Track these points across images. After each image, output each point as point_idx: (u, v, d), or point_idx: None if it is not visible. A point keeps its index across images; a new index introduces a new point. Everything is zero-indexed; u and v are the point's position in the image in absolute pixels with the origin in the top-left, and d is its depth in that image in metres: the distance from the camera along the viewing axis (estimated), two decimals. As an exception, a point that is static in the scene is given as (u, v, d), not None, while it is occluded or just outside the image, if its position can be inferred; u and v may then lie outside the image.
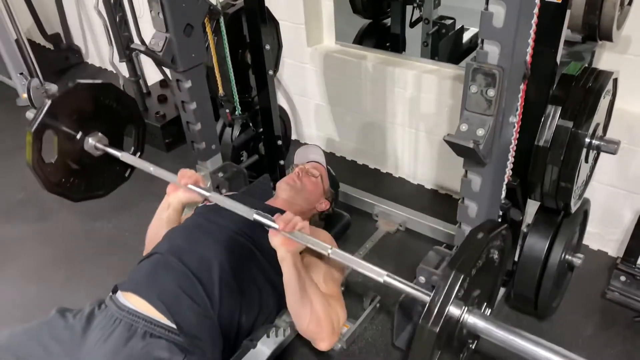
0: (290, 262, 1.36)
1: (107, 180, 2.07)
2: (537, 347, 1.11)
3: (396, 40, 3.01)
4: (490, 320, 1.15)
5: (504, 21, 1.07)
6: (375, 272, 1.31)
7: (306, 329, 1.40)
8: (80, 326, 1.24)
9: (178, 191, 1.61)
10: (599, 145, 1.47)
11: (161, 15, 1.67)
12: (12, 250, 2.38)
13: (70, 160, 1.90)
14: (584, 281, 1.99)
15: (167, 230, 1.58)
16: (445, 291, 1.08)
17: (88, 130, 1.91)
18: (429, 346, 1.06)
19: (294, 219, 1.37)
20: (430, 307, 1.08)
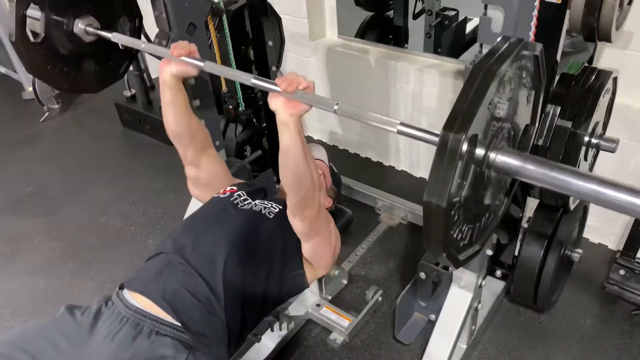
0: (292, 127, 1.24)
1: (100, 72, 1.91)
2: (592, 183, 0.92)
3: (399, 32, 3.01)
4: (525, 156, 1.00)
5: (502, 26, 1.08)
6: (388, 123, 1.15)
7: (304, 197, 1.33)
8: (88, 323, 1.26)
9: (170, 64, 1.45)
10: (598, 143, 1.48)
11: (164, 14, 1.69)
12: (21, 244, 2.42)
13: (59, 44, 1.73)
14: (584, 274, 2.01)
15: (176, 112, 1.53)
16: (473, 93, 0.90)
17: (78, 11, 1.74)
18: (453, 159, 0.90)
19: (297, 77, 1.22)
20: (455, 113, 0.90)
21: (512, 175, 1.02)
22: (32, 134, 3.32)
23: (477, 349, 1.79)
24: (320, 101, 1.20)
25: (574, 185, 0.93)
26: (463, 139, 0.88)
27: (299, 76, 1.22)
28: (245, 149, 2.34)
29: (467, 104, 0.90)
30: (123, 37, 1.72)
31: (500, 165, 1.00)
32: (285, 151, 1.28)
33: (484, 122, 0.96)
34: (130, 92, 3.17)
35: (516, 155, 1.00)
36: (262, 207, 1.54)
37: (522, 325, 1.87)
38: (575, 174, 0.93)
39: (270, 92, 1.25)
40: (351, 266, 2.13)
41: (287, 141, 1.27)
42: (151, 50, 1.59)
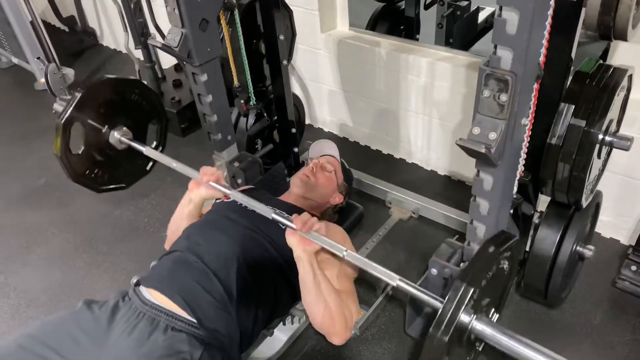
0: (306, 261, 1.40)
1: (129, 172, 2.13)
2: (541, 356, 1.18)
3: (410, 23, 2.99)
4: (497, 328, 1.20)
5: (517, 28, 1.07)
6: (388, 276, 1.36)
7: (320, 325, 1.45)
8: (106, 318, 1.30)
9: (200, 188, 1.66)
10: (612, 141, 1.47)
11: (177, 11, 1.69)
12: (36, 236, 2.45)
13: (96, 152, 1.97)
14: (595, 269, 2.01)
15: (188, 224, 1.63)
16: (455, 304, 1.13)
17: (113, 123, 1.96)
18: (439, 353, 1.12)
19: (310, 219, 1.41)
20: (441, 318, 1.13)
21: (486, 341, 1.23)
22: (44, 125, 3.34)
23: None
24: (330, 244, 1.42)
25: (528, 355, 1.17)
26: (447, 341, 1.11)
27: (312, 218, 1.43)
28: (256, 142, 2.35)
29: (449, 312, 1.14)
30: (155, 153, 1.99)
31: (478, 333, 1.21)
32: (302, 281, 1.43)
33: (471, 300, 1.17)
34: (141, 84, 3.18)
35: (491, 326, 1.20)
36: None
37: (532, 320, 1.88)
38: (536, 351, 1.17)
39: (288, 229, 1.44)
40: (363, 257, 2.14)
41: (302, 273, 1.42)
42: (183, 170, 1.80)
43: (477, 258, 1.24)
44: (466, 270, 1.19)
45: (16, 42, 3.53)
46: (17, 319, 2.05)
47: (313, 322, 1.47)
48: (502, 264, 1.28)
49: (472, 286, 1.14)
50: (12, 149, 3.13)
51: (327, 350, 1.84)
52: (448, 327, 1.12)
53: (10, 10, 3.32)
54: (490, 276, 1.22)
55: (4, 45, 3.80)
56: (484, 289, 1.19)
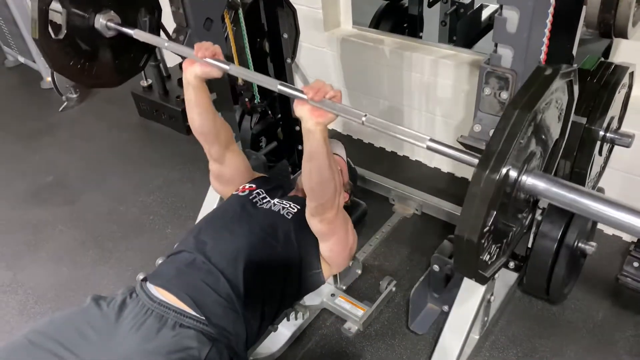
0: (319, 135, 1.25)
1: (120, 66, 1.95)
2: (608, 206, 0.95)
3: (414, 20, 3.01)
4: (553, 180, 1.02)
5: (517, 26, 1.09)
6: (417, 138, 1.14)
7: (329, 197, 1.37)
8: (114, 314, 1.31)
9: (194, 65, 1.47)
10: (613, 138, 1.48)
11: (181, 10, 1.71)
12: (44, 233, 2.48)
13: (80, 40, 1.76)
14: (598, 266, 2.02)
15: (201, 112, 1.56)
16: (507, 133, 0.93)
17: (99, 6, 1.77)
18: (486, 198, 0.93)
19: (324, 86, 1.22)
20: (488, 153, 0.93)
21: (538, 196, 1.05)
22: (51, 123, 3.38)
23: (490, 340, 1.82)
24: (348, 111, 1.20)
25: (592, 208, 0.96)
26: (497, 179, 0.91)
27: (325, 84, 1.22)
28: (260, 140, 2.37)
29: (500, 144, 0.93)
30: (145, 34, 1.75)
31: (529, 188, 1.03)
32: (310, 158, 1.30)
33: (517, 151, 0.99)
34: (147, 82, 3.21)
35: (545, 179, 1.02)
36: (281, 207, 1.58)
37: (535, 316, 1.89)
38: (595, 198, 0.96)
39: (296, 100, 1.26)
40: (365, 256, 2.16)
41: (312, 148, 1.28)
42: (174, 49, 1.60)
43: (531, 82, 1.00)
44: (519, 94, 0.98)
45: (23, 42, 3.58)
46: (25, 314, 2.08)
47: (318, 200, 1.38)
48: (559, 101, 1.08)
49: (527, 111, 0.94)
50: (19, 147, 3.17)
51: (331, 346, 1.86)
52: (498, 164, 0.91)
53: (16, 9, 3.36)
54: (546, 111, 1.02)
55: (10, 44, 3.84)
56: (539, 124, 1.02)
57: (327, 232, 1.46)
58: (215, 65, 1.43)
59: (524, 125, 0.93)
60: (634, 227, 0.91)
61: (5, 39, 3.84)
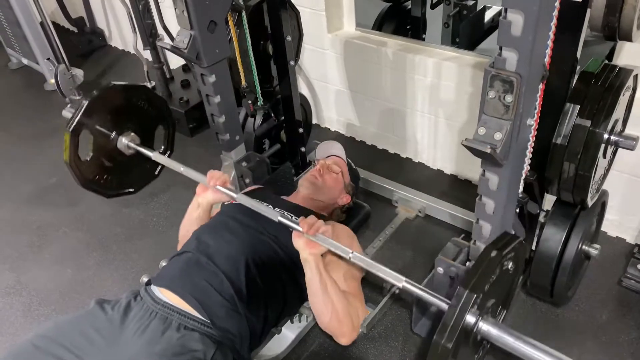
0: (312, 264, 1.42)
1: (138, 177, 2.18)
2: (547, 356, 1.18)
3: (417, 22, 3.00)
4: (503, 329, 1.22)
5: (522, 29, 1.09)
6: (395, 278, 1.37)
7: (327, 326, 1.48)
8: (119, 317, 1.32)
9: (207, 192, 1.69)
10: (617, 141, 1.48)
11: (185, 13, 1.71)
12: (47, 235, 2.49)
13: (104, 158, 2.01)
14: (601, 268, 2.02)
15: (196, 226, 1.65)
16: (457, 310, 1.15)
17: (121, 129, 2.01)
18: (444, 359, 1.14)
19: (317, 222, 1.42)
20: (444, 324, 1.14)
21: (492, 342, 1.24)
22: (54, 125, 3.37)
23: (493, 342, 1.82)
24: (337, 247, 1.43)
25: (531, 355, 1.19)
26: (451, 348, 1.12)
27: (317, 220, 1.44)
28: (264, 142, 2.37)
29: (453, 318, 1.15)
30: (163, 158, 2.02)
31: (484, 334, 1.23)
32: (309, 283, 1.45)
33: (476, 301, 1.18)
34: (150, 84, 3.21)
35: (497, 327, 1.23)
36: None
37: (538, 319, 1.89)
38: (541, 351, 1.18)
39: (294, 231, 1.45)
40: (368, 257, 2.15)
41: (308, 275, 1.44)
42: (190, 175, 1.83)
43: (479, 263, 1.25)
44: (468, 276, 1.20)
45: (26, 44, 3.58)
46: (29, 317, 2.09)
47: (320, 323, 1.50)
48: (506, 265, 1.29)
49: (475, 292, 1.15)
50: (23, 149, 3.17)
51: (334, 348, 1.86)
52: (452, 333, 1.13)
53: (20, 11, 3.37)
54: (494, 279, 1.23)
55: (14, 46, 3.85)
56: (488, 292, 1.21)
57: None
58: (225, 193, 1.66)
59: (471, 304, 1.15)
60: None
61: (8, 41, 3.85)
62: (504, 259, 1.25)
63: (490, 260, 1.23)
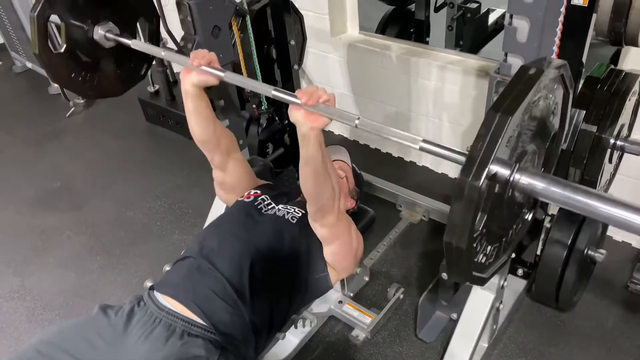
0: (313, 139, 1.25)
1: (122, 76, 1.95)
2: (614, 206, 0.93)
3: (420, 26, 3.00)
4: (550, 178, 0.99)
5: (527, 36, 1.09)
6: (410, 139, 1.15)
7: (323, 202, 1.37)
8: (122, 323, 1.32)
9: (191, 74, 1.47)
10: (623, 146, 1.48)
11: (189, 18, 1.71)
12: (51, 239, 2.49)
13: (80, 52, 1.76)
14: (607, 273, 2.01)
15: (200, 120, 1.56)
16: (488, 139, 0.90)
17: (97, 18, 1.77)
18: (472, 205, 0.90)
19: (317, 90, 1.22)
20: (470, 159, 0.91)
21: (535, 196, 1.02)
22: (58, 128, 3.39)
23: (498, 347, 1.81)
24: (341, 115, 1.21)
25: (595, 207, 0.94)
26: (480, 185, 0.88)
27: (319, 89, 1.23)
28: (267, 146, 2.37)
29: (482, 150, 0.90)
30: (143, 44, 1.77)
31: (524, 187, 1.00)
32: (306, 163, 1.31)
33: (509, 145, 0.97)
34: (153, 88, 3.22)
35: (540, 177, 0.99)
36: (286, 212, 1.58)
37: (544, 324, 1.88)
38: (597, 197, 0.94)
39: (291, 105, 1.26)
40: (372, 263, 2.15)
41: (307, 153, 1.29)
42: (171, 58, 1.64)
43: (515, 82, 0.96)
44: (500, 98, 0.94)
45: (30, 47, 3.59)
46: (33, 321, 2.09)
47: (317, 209, 1.39)
48: (550, 98, 1.04)
49: (509, 114, 0.89)
50: (27, 153, 3.18)
51: (338, 354, 1.85)
52: (480, 169, 0.88)
53: (24, 15, 3.38)
54: (537, 110, 0.99)
55: (18, 50, 3.86)
56: (528, 123, 1.00)
57: (329, 236, 1.46)
58: (211, 72, 1.44)
59: (505, 131, 0.90)
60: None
61: (13, 44, 3.87)
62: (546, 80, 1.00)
63: (528, 79, 0.95)
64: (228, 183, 1.71)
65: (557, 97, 1.12)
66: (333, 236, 1.46)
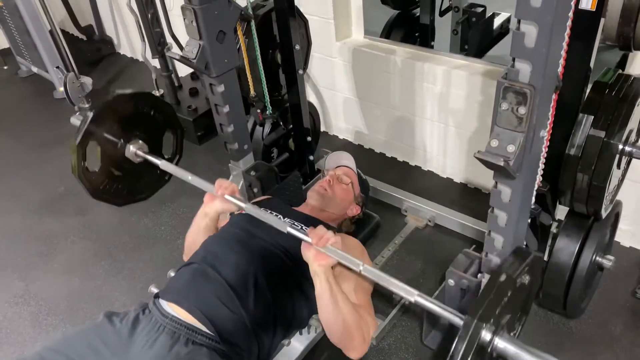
0: (322, 276, 1.39)
1: (148, 184, 2.16)
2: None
3: (425, 30, 2.99)
4: (519, 345, 1.19)
5: (535, 41, 1.07)
6: (406, 292, 1.33)
7: (338, 340, 1.45)
8: (127, 330, 1.31)
9: (215, 201, 1.66)
10: (632, 151, 1.46)
11: (194, 23, 1.71)
12: (56, 244, 2.49)
13: (113, 167, 2.00)
14: (615, 279, 1.99)
15: (204, 237, 1.64)
16: (465, 344, 1.11)
17: (128, 137, 2.00)
18: None
19: (326, 234, 1.40)
20: (454, 353, 1.11)
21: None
22: (63, 133, 3.38)
23: (505, 354, 1.79)
24: (346, 259, 1.39)
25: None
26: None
27: (327, 232, 1.41)
28: (272, 151, 2.37)
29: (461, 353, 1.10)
30: (171, 166, 2.00)
31: (500, 351, 1.18)
32: (319, 296, 1.42)
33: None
34: (158, 93, 3.22)
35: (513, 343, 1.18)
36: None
37: (551, 331, 1.86)
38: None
39: (304, 243, 1.43)
40: (378, 268, 2.13)
41: (318, 288, 1.41)
42: (198, 184, 1.80)
43: (488, 290, 1.20)
44: (477, 305, 1.16)
45: (36, 52, 3.61)
46: (37, 327, 2.08)
47: (330, 337, 1.48)
48: (521, 280, 1.26)
49: (484, 321, 1.13)
50: (32, 157, 3.19)
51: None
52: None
53: (30, 20, 3.40)
54: (507, 300, 1.20)
55: (24, 54, 3.87)
56: (500, 313, 1.18)
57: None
58: (233, 202, 1.62)
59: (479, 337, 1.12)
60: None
61: (18, 49, 3.88)
62: (517, 277, 1.23)
63: (499, 286, 1.20)
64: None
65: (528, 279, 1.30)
66: None
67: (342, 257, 1.39)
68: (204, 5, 1.68)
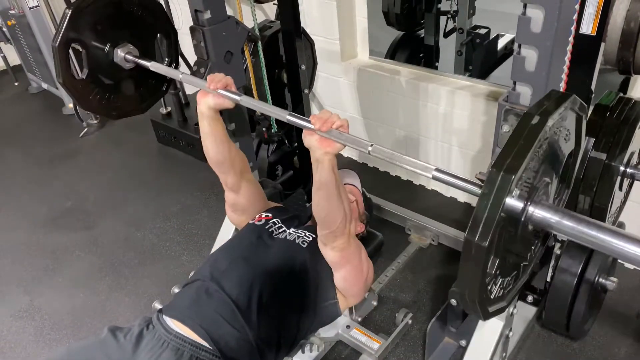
0: (327, 164, 1.26)
1: (144, 95, 2.00)
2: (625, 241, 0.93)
3: (430, 51, 3.03)
4: (561, 212, 1.00)
5: (536, 65, 1.10)
6: (423, 167, 1.15)
7: (336, 228, 1.38)
8: (131, 346, 1.32)
9: (207, 97, 1.50)
10: (634, 174, 1.47)
11: (203, 43, 1.75)
12: (62, 259, 2.51)
13: (102, 75, 1.82)
14: (618, 301, 1.98)
15: (216, 142, 1.58)
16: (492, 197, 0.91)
17: (115, 41, 1.81)
18: (480, 262, 0.94)
19: (331, 116, 1.23)
20: (476, 217, 0.93)
21: (548, 229, 1.03)
22: (71, 149, 3.44)
23: (508, 376, 1.79)
24: (354, 141, 1.22)
25: (608, 243, 0.94)
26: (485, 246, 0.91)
27: (332, 115, 1.24)
28: (277, 169, 2.39)
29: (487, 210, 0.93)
30: (161, 67, 1.81)
31: (537, 221, 1.01)
32: (319, 187, 1.32)
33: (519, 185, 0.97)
34: (166, 110, 3.26)
35: (553, 210, 1.00)
36: (296, 236, 1.58)
37: (554, 353, 1.85)
38: (609, 232, 0.94)
39: (305, 130, 1.28)
40: (381, 287, 2.14)
41: (321, 178, 1.30)
42: (189, 81, 1.65)
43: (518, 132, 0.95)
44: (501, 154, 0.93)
45: (46, 69, 3.67)
46: (41, 341, 2.09)
47: (328, 228, 1.38)
48: (558, 132, 1.03)
49: (512, 173, 0.90)
50: (40, 172, 3.22)
51: (345, 379, 1.83)
52: (486, 228, 0.91)
53: (41, 37, 3.47)
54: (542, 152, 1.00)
55: (34, 71, 3.94)
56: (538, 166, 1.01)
57: (339, 259, 1.46)
58: (227, 96, 1.47)
59: (508, 190, 0.92)
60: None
61: (30, 66, 3.95)
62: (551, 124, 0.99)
63: (530, 130, 0.95)
64: (240, 205, 1.72)
65: (568, 124, 1.13)
66: (343, 260, 1.46)
67: (349, 139, 1.23)
68: (213, 26, 1.72)
